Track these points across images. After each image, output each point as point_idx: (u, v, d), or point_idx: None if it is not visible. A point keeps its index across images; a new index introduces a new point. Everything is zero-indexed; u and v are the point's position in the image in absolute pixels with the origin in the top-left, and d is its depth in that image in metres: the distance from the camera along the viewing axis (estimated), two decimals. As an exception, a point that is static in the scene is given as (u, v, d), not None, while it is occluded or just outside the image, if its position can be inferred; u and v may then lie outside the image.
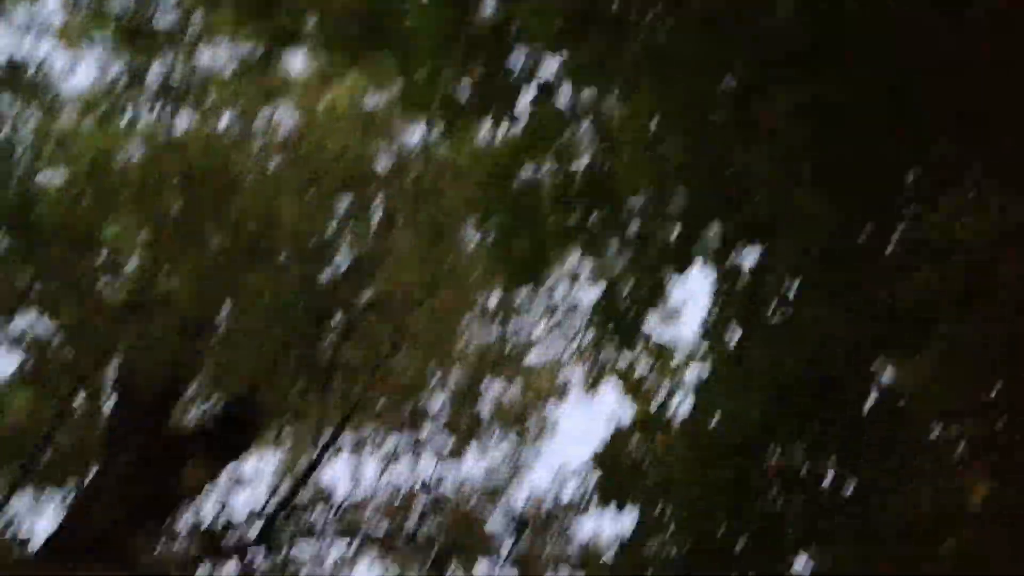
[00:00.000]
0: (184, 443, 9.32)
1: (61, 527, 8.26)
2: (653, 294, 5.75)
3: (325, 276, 10.09)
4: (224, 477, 9.95)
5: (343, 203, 9.91)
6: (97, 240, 7.07)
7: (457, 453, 9.92)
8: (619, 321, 5.86)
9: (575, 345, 10.62)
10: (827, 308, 5.00)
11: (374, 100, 10.25)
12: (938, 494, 5.52)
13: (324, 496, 9.69)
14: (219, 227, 7.49)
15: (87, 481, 8.09)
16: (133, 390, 9.00)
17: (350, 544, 9.62)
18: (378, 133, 10.32)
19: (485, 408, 10.21)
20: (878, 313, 4.97)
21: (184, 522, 8.99)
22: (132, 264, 7.58)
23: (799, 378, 4.58)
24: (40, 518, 8.87)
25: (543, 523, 9.41)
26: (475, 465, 10.00)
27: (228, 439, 9.55)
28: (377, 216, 10.33)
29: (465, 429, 9.94)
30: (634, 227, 5.70)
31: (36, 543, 8.30)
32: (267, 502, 9.58)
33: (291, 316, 9.61)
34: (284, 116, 9.88)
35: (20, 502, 8.46)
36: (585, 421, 10.62)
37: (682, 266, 5.70)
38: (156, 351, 8.36)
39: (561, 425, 10.55)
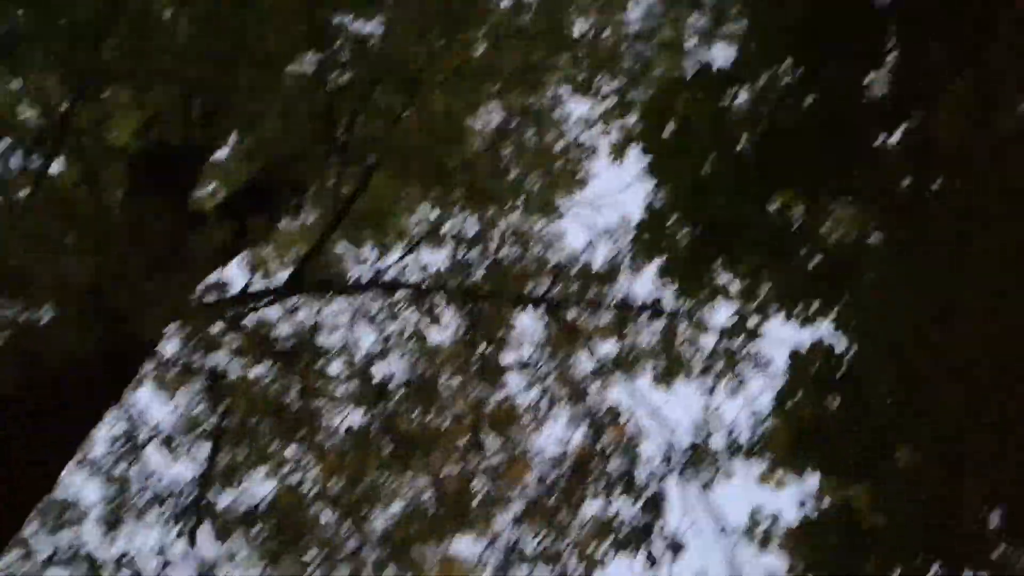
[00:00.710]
0: (206, 216, 9.11)
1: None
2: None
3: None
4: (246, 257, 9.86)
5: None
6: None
7: (483, 216, 9.64)
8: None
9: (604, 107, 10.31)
10: None
11: None
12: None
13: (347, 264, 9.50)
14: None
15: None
16: (150, 157, 8.73)
17: (376, 298, 9.51)
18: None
19: (511, 170, 9.92)
20: None
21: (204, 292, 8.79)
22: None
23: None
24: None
25: (579, 279, 9.23)
26: (505, 224, 9.75)
27: (251, 211, 9.31)
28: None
29: (490, 192, 9.64)
30: None
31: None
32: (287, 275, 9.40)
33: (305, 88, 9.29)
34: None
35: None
36: (614, 189, 10.25)
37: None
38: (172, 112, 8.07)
39: (591, 190, 10.31)
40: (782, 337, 8.23)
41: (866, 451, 4.97)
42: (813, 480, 7.10)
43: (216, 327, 9.52)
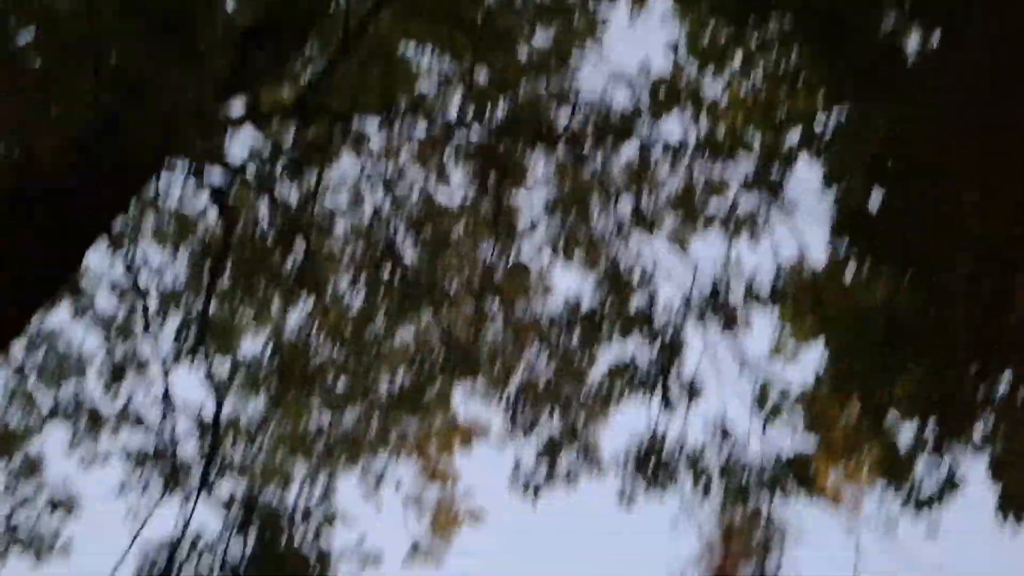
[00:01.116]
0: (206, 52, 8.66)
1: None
2: None
3: None
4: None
5: None
6: None
7: (496, 62, 9.17)
8: None
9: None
10: None
11: None
12: None
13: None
14: None
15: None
16: None
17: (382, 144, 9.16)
18: None
19: (525, 16, 9.41)
20: None
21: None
22: None
23: None
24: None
25: (596, 125, 8.82)
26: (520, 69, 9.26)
27: (254, 48, 8.86)
28: None
29: (503, 37, 9.15)
30: None
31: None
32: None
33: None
34: None
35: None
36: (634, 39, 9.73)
37: None
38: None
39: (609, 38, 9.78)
40: (807, 178, 7.86)
41: (913, 244, 4.68)
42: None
43: (216, 172, 9.21)
